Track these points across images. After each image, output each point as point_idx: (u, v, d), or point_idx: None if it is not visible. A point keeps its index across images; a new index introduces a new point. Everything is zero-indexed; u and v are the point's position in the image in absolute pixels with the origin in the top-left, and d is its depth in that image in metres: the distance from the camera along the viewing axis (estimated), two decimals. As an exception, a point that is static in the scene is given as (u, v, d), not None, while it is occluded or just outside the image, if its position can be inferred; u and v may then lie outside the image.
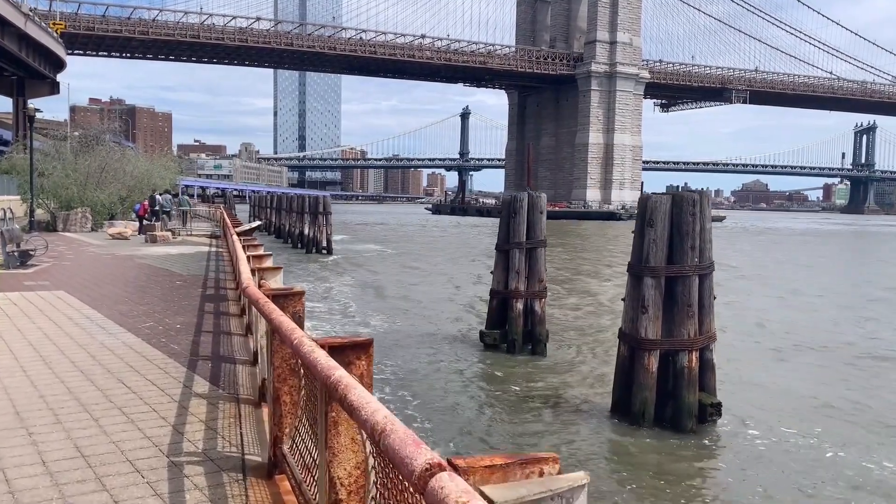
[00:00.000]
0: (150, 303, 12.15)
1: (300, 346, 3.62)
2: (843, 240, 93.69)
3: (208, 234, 33.49)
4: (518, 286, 18.80)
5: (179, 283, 15.06)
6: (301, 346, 3.57)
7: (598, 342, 19.87)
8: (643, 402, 12.80)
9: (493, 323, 19.30)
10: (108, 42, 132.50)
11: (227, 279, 16.18)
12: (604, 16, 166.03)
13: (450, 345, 19.57)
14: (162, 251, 23.55)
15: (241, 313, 11.04)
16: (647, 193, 14.49)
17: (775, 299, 29.74)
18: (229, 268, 18.53)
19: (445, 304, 25.17)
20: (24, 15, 47.89)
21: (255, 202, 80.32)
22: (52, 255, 20.86)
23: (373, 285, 30.21)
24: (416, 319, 22.40)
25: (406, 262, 42.72)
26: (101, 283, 14.67)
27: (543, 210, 19.33)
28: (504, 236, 19.16)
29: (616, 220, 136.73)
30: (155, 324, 10.14)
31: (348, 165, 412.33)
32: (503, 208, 19.47)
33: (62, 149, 37.40)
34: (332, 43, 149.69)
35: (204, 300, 12.58)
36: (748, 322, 23.69)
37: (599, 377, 16.35)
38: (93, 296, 12.70)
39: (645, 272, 12.93)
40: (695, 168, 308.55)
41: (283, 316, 4.41)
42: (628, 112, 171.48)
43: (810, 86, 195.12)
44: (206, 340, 9.01)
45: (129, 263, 19.05)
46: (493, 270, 19.44)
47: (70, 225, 32.55)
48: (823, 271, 43.95)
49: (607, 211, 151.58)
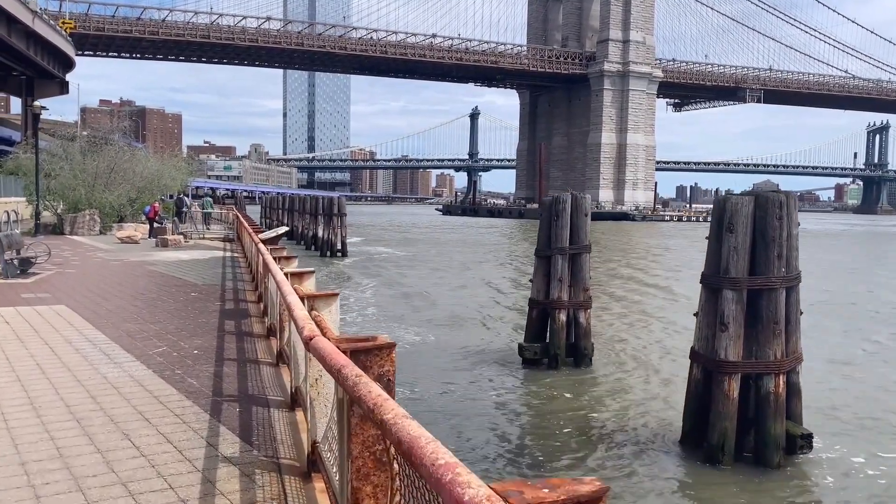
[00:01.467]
0: (163, 320, 10.65)
1: (401, 433, 2.09)
2: (865, 241, 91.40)
3: (221, 237, 32.08)
4: (560, 295, 17.22)
5: (194, 294, 13.58)
6: (412, 442, 2.02)
7: (648, 357, 18.26)
8: (722, 433, 11.18)
9: (532, 335, 17.75)
10: (119, 42, 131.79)
11: (247, 289, 14.69)
12: (616, 14, 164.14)
13: (485, 359, 18.01)
14: (174, 256, 22.12)
15: (266, 334, 9.53)
16: (723, 194, 12.91)
17: (842, 306, 27.78)
18: (247, 276, 17.05)
19: (477, 314, 23.57)
20: (31, 12, 46.69)
21: (266, 203, 79.01)
22: (56, 261, 19.45)
23: (395, 292, 28.68)
24: (447, 330, 20.84)
25: (425, 266, 41.19)
26: (108, 295, 13.20)
27: (588, 212, 17.75)
28: (545, 241, 17.58)
29: (630, 221, 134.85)
30: (168, 348, 8.63)
31: (357, 166, 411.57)
32: (543, 211, 17.88)
33: (70, 149, 36.09)
34: (343, 43, 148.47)
35: (223, 317, 11.07)
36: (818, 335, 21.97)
37: (658, 399, 14.73)
38: (98, 312, 11.22)
39: (724, 284, 11.32)
40: (705, 168, 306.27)
41: (370, 384, 2.82)
42: (641, 111, 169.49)
43: (825, 84, 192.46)
44: (230, 372, 7.49)
45: (138, 271, 17.60)
46: (533, 278, 17.87)
47: (77, 228, 31.21)
48: (868, 276, 42.00)
49: (620, 212, 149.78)
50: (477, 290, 29.67)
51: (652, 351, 18.90)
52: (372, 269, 38.16)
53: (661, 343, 19.75)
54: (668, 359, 17.94)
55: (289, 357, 7.33)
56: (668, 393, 14.95)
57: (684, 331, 21.19)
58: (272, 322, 9.33)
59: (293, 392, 6.24)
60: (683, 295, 29.34)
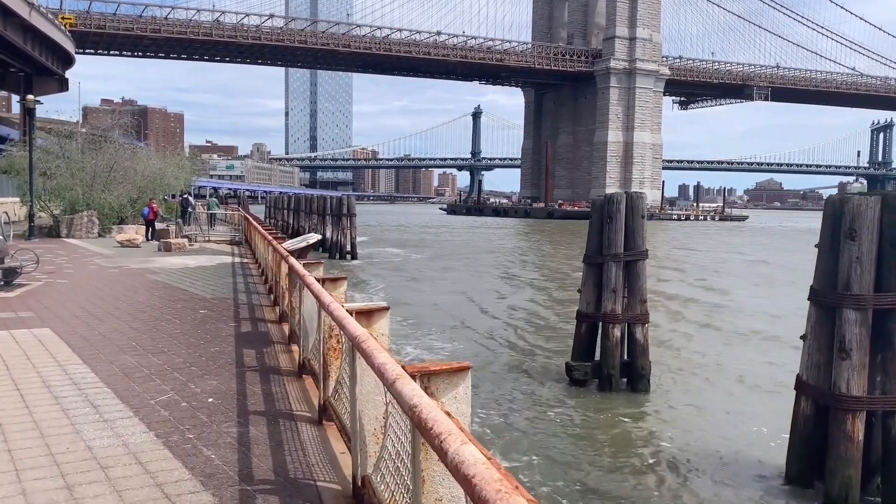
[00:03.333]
0: (167, 349, 8.70)
1: None
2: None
3: (228, 239, 30.14)
4: (615, 308, 15.25)
5: (203, 312, 11.62)
6: None
7: (715, 379, 16.23)
8: (845, 481, 9.22)
9: (581, 353, 15.80)
10: (120, 40, 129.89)
11: (263, 304, 12.73)
12: (623, 11, 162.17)
13: (528, 380, 16.06)
14: (178, 262, 20.17)
15: (298, 372, 7.57)
16: (837, 193, 10.97)
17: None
18: (262, 287, 15.10)
19: (513, 327, 21.53)
20: (28, 4, 44.69)
21: (270, 203, 77.07)
22: (48, 268, 17.53)
23: (414, 299, 26.72)
24: (482, 346, 18.86)
25: (441, 268, 39.22)
26: (103, 313, 11.25)
27: (645, 214, 15.79)
28: (595, 246, 15.62)
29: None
30: (175, 393, 6.68)
31: (360, 165, 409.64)
32: (593, 212, 15.90)
33: (67, 146, 34.15)
34: (347, 40, 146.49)
35: (240, 344, 9.11)
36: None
37: (740, 430, 12.76)
38: (88, 338, 9.27)
39: (845, 302, 9.35)
40: (709, 167, 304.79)
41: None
42: (648, 109, 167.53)
43: (832, 82, 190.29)
44: (258, 437, 5.53)
45: (139, 281, 15.64)
46: (581, 288, 15.91)
47: (75, 230, 29.27)
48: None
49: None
50: (509, 299, 27.65)
51: (718, 371, 16.86)
52: (384, 273, 36.22)
53: (728, 361, 17.68)
54: (743, 381, 15.91)
55: (340, 418, 5.39)
56: (752, 424, 12.99)
57: (753, 346, 19.16)
58: (305, 357, 7.38)
59: (359, 479, 4.28)
60: (738, 302, 27.30)
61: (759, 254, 56.38)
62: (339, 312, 4.13)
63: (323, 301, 4.76)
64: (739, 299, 28.43)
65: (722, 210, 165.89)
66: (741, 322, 22.85)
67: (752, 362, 17.51)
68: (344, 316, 4.11)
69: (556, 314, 23.77)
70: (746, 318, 23.86)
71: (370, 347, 3.33)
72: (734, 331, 21.37)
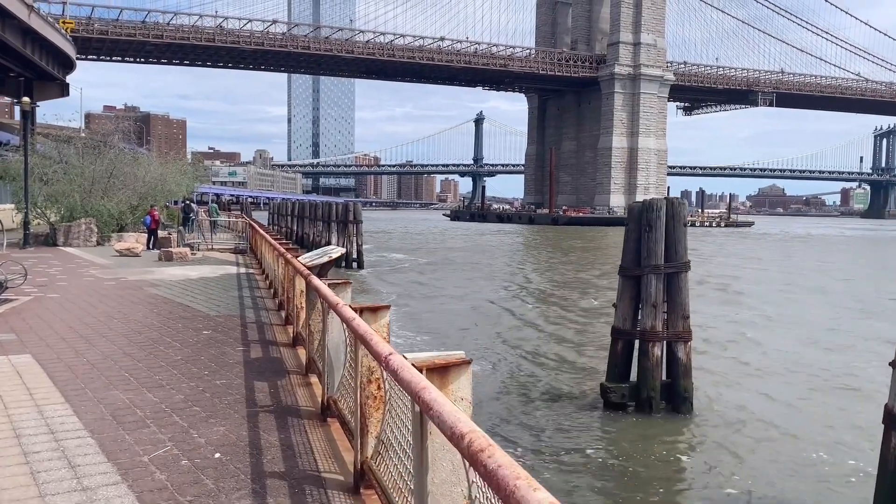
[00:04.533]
0: (165, 381, 7.44)
1: None
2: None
3: (231, 248, 28.90)
4: (655, 324, 13.99)
5: (207, 332, 10.37)
6: None
7: (764, 403, 14.90)
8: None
9: (617, 373, 14.52)
10: (122, 46, 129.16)
11: (273, 322, 11.47)
12: (627, 17, 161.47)
13: (560, 401, 14.78)
14: (180, 273, 18.93)
15: (321, 414, 6.31)
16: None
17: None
18: (270, 302, 13.85)
19: (541, 342, 20.18)
20: (27, 6, 43.60)
21: (274, 209, 75.93)
22: (39, 280, 16.31)
23: (430, 311, 25.45)
24: (509, 363, 17.56)
25: (452, 277, 37.93)
26: (94, 335, 10.00)
27: (687, 222, 14.55)
28: (633, 257, 14.36)
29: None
30: (174, 447, 5.42)
31: (362, 172, 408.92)
32: (630, 220, 14.64)
33: (65, 151, 32.97)
34: (350, 46, 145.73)
35: (250, 374, 7.85)
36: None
37: (801, 459, 11.48)
38: (75, 367, 8.02)
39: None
40: (711, 173, 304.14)
41: None
42: (653, 115, 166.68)
43: (837, 87, 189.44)
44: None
45: (136, 296, 14.39)
46: (617, 302, 14.64)
47: (72, 238, 28.05)
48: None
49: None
50: (532, 311, 26.30)
51: (767, 394, 15.50)
52: (395, 283, 34.95)
53: (779, 383, 16.29)
54: (796, 407, 14.56)
55: (386, 491, 4.14)
56: (813, 453, 11.70)
57: (806, 366, 17.78)
58: (330, 397, 6.13)
59: None
60: (777, 316, 25.84)
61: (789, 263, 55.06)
62: (406, 373, 2.87)
63: (376, 350, 3.49)
64: (783, 313, 26.91)
65: (728, 216, 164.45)
66: (786, 339, 21.50)
67: (802, 383, 16.21)
68: (415, 379, 2.85)
69: (582, 327, 22.47)
70: (795, 334, 22.55)
71: (466, 433, 2.07)
72: (782, 348, 20.02)
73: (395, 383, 3.88)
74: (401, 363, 3.04)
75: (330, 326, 6.13)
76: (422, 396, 2.71)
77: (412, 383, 2.88)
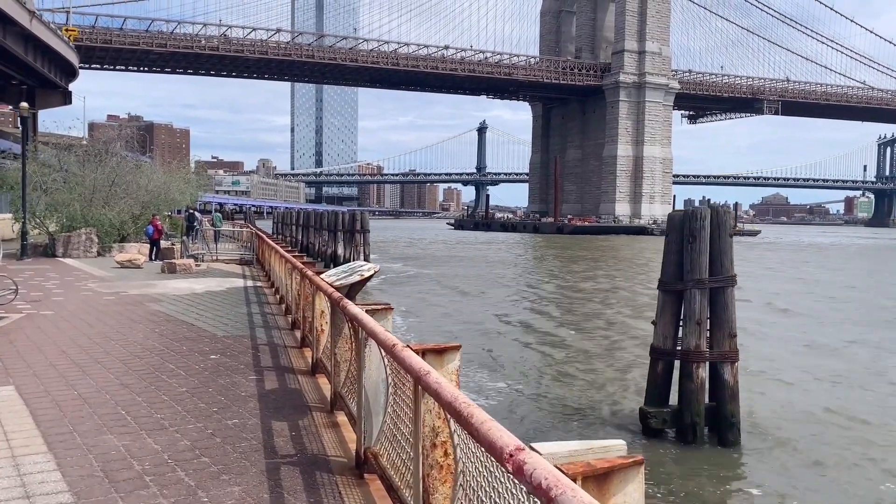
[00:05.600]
0: (168, 421, 6.35)
1: None
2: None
3: (237, 258, 27.85)
4: (699, 343, 12.88)
5: (215, 356, 9.28)
6: None
7: (812, 426, 13.76)
8: None
9: (656, 396, 13.40)
10: (126, 55, 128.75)
11: (288, 344, 10.37)
12: (632, 25, 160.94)
13: (593, 427, 13.63)
14: (184, 287, 17.85)
15: (357, 468, 5.20)
16: None
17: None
18: (282, 319, 12.76)
19: (563, 360, 18.94)
20: (28, 12, 42.78)
21: (278, 218, 74.97)
22: (33, 295, 15.26)
23: (444, 325, 24.32)
24: (536, 384, 16.39)
25: (463, 288, 36.80)
26: (88, 361, 8.91)
27: (732, 231, 13.46)
28: (674, 270, 13.27)
29: (648, 235, 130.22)
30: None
31: (365, 181, 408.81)
32: (670, 229, 13.53)
33: (66, 159, 32.00)
34: (354, 55, 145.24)
35: (266, 410, 6.75)
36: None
37: (869, 493, 10.34)
38: (63, 402, 6.93)
39: None
40: (714, 181, 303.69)
41: None
42: (658, 123, 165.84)
43: (843, 96, 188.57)
44: None
45: (137, 312, 13.31)
46: (656, 319, 13.54)
47: (72, 249, 27.02)
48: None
49: (638, 226, 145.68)
50: (550, 324, 25.09)
51: (821, 419, 14.31)
52: (403, 294, 33.84)
53: (833, 405, 15.05)
54: (855, 432, 13.37)
55: None
56: (882, 484, 10.56)
57: (861, 384, 16.54)
58: (368, 448, 5.04)
59: None
60: (821, 330, 24.57)
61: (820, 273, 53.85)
62: (552, 488, 1.77)
63: (469, 419, 2.37)
64: (830, 330, 25.54)
65: (734, 224, 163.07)
66: (838, 358, 20.26)
67: (858, 405, 15.03)
68: (541, 466, 1.76)
69: (612, 344, 21.27)
70: (845, 349, 21.35)
71: None
72: (835, 369, 18.76)
73: (469, 446, 2.81)
74: (537, 465, 1.91)
75: (367, 362, 5.05)
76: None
77: (552, 491, 1.78)
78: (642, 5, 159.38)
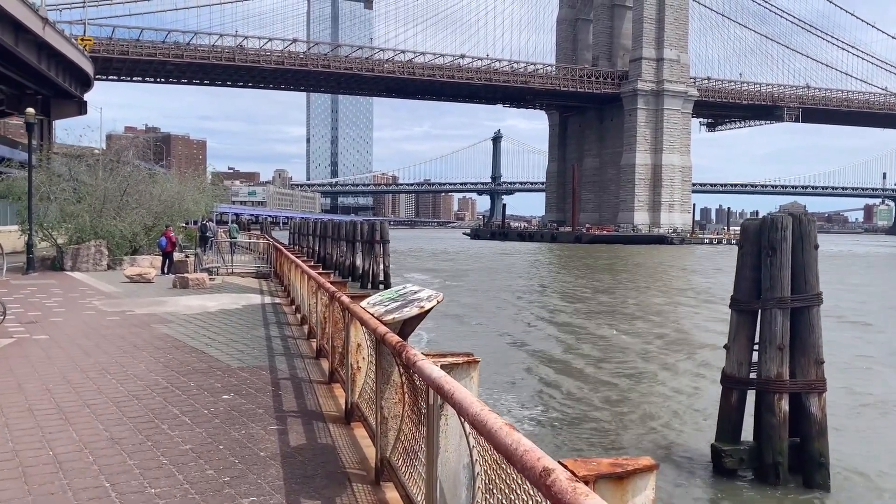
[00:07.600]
0: (168, 494, 4.81)
1: None
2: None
3: (253, 272, 26.48)
4: (780, 371, 11.22)
5: (228, 396, 7.75)
6: None
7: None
8: None
9: (729, 431, 11.75)
10: (143, 66, 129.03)
11: (313, 379, 8.83)
12: (650, 32, 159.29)
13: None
14: (196, 305, 16.41)
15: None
16: None
17: None
18: (305, 344, 11.24)
19: (621, 385, 17.08)
20: (41, 19, 41.95)
21: (295, 229, 73.85)
22: (31, 315, 13.88)
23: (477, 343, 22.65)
24: (583, 416, 14.66)
25: (493, 302, 35.04)
26: (76, 403, 7.42)
27: (817, 243, 11.80)
28: (750, 286, 11.62)
29: (668, 245, 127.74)
30: None
31: (380, 191, 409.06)
32: (744, 241, 11.89)
33: (76, 168, 30.87)
34: (370, 64, 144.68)
35: (292, 480, 5.20)
36: None
37: None
38: (31, 469, 5.41)
39: None
40: (732, 190, 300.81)
41: None
42: (677, 131, 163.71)
43: (864, 102, 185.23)
44: None
45: (141, 337, 11.85)
46: (729, 343, 11.91)
47: (81, 262, 25.77)
48: None
49: (657, 234, 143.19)
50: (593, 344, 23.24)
51: None
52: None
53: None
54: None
55: None
56: None
57: None
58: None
59: None
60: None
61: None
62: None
63: None
64: None
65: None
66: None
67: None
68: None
69: (664, 366, 19.47)
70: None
71: None
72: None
73: None
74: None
75: (441, 440, 3.49)
76: None
77: None
78: (660, 13, 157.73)
